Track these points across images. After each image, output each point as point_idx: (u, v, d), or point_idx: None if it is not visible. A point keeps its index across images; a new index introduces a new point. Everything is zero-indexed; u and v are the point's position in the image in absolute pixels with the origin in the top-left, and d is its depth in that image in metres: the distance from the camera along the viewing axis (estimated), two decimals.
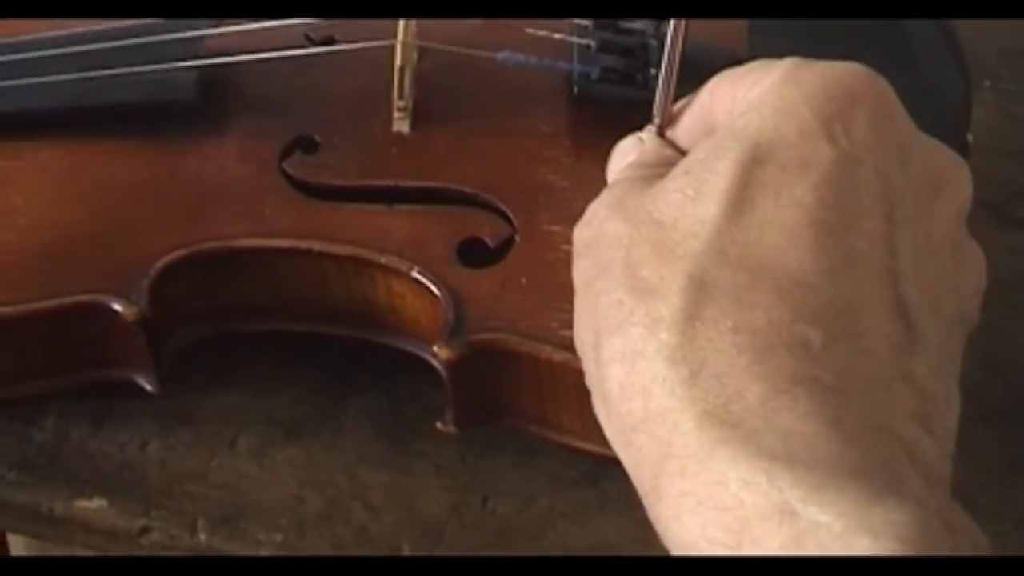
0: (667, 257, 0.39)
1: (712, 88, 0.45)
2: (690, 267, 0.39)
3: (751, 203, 0.39)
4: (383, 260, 0.55)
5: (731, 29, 0.60)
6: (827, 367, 0.37)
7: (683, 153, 0.45)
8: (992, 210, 0.70)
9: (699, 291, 0.38)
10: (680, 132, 0.47)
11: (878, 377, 0.38)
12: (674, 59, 0.47)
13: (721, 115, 0.44)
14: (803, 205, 0.39)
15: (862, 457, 0.36)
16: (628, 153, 0.47)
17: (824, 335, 0.37)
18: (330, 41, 0.62)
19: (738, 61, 0.58)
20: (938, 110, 0.57)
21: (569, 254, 0.55)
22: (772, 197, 0.39)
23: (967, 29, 0.72)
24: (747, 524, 0.35)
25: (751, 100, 0.42)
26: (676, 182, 0.41)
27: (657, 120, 0.48)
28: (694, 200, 0.40)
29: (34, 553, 0.75)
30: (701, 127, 0.46)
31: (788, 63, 0.42)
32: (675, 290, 0.38)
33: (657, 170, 0.44)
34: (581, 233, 0.45)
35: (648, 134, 0.47)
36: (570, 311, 0.52)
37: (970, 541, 0.35)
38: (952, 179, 0.42)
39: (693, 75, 0.59)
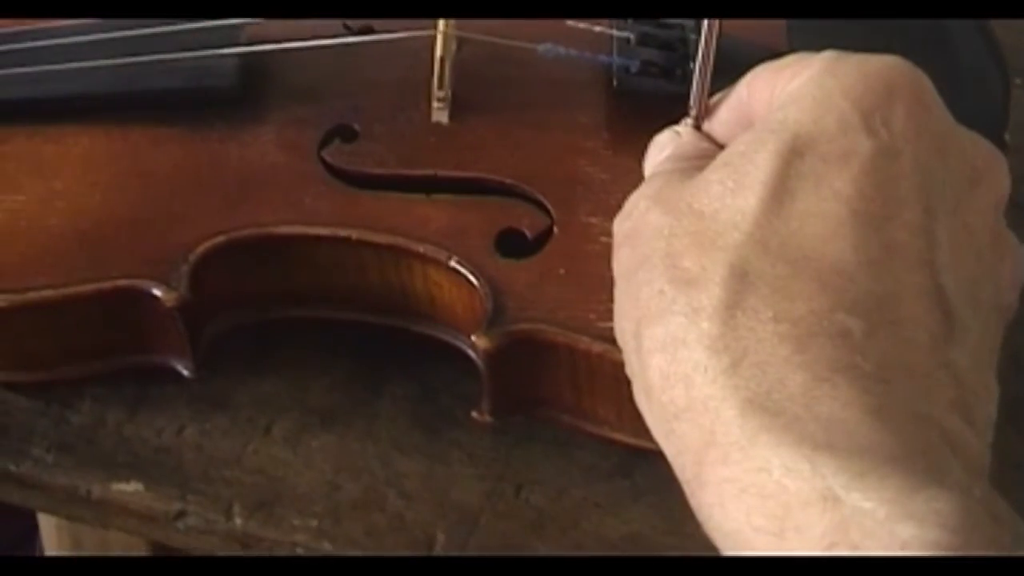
0: (708, 247, 0.40)
1: (750, 81, 0.46)
2: (731, 257, 0.39)
3: (791, 194, 0.39)
4: (421, 249, 0.55)
5: (770, 24, 0.60)
6: (868, 356, 0.37)
7: (720, 146, 0.46)
8: (1021, 209, 0.70)
9: (740, 281, 0.38)
10: (717, 125, 0.47)
11: (919, 366, 0.38)
12: (709, 52, 0.47)
13: (759, 107, 0.45)
14: (843, 196, 0.39)
15: (904, 445, 0.36)
16: (665, 147, 0.47)
17: (865, 324, 0.38)
18: (369, 30, 0.62)
19: (777, 55, 0.59)
20: (976, 108, 0.57)
21: (607, 246, 0.55)
22: (812, 188, 0.39)
23: (999, 29, 0.72)
24: (790, 510, 0.35)
25: (790, 92, 0.42)
26: (716, 173, 0.41)
27: (693, 113, 0.48)
28: (734, 191, 0.40)
29: (65, 535, 0.76)
30: (739, 120, 0.46)
31: (827, 56, 0.42)
32: (716, 280, 0.39)
33: (695, 163, 0.44)
34: (621, 225, 0.45)
35: (685, 128, 0.48)
36: (608, 303, 0.53)
37: (1013, 530, 0.35)
38: (990, 171, 0.43)
39: (731, 69, 0.59)
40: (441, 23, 0.58)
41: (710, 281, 0.39)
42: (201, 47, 0.60)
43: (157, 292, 0.54)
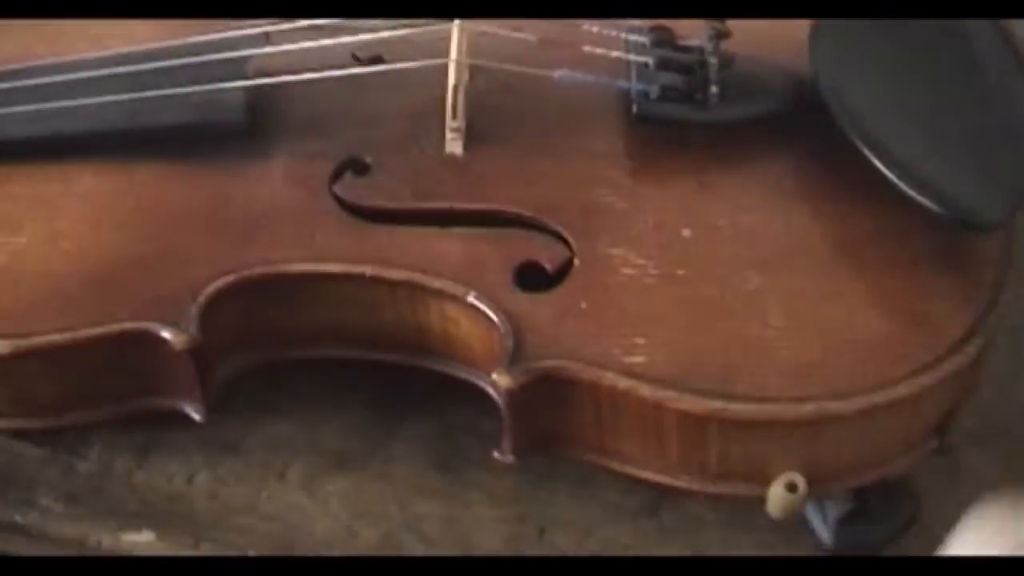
0: None
1: None
2: None
3: None
4: (438, 285, 0.54)
5: (789, 42, 0.59)
6: None
7: None
8: None
9: None
10: None
11: None
12: None
13: None
14: None
15: None
16: None
17: None
18: (378, 60, 0.61)
19: (797, 77, 0.58)
20: (1007, 128, 0.56)
21: (630, 277, 0.54)
22: None
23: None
24: None
25: None
26: None
27: None
28: None
29: None
30: None
31: None
32: None
33: None
34: None
35: None
36: (632, 336, 0.51)
37: None
38: None
39: (758, 92, 0.58)
40: (453, 51, 0.57)
41: None
42: (208, 81, 0.58)
43: (166, 334, 0.53)
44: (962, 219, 0.53)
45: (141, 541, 0.54)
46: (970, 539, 0.37)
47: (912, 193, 0.53)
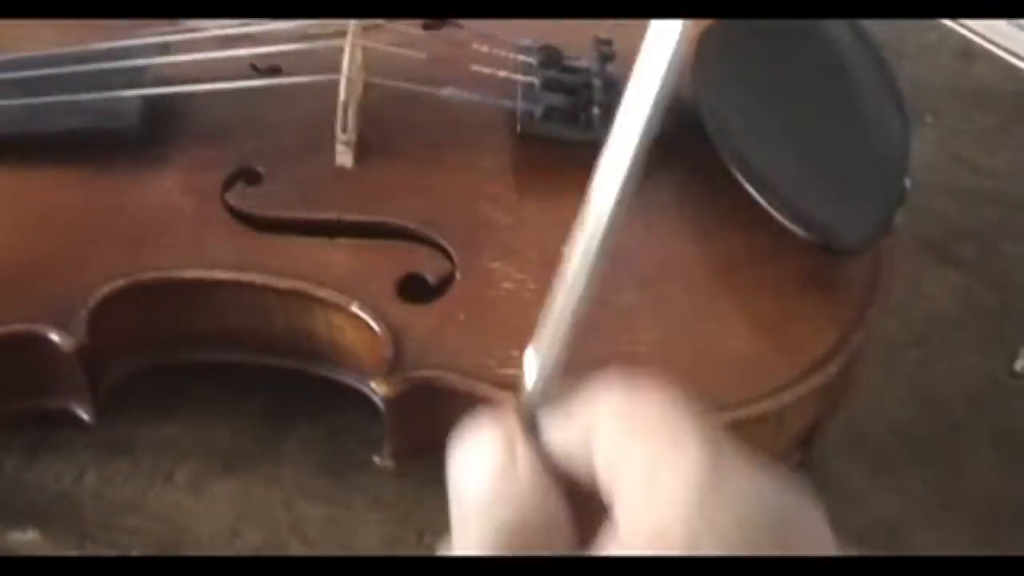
0: None
1: (600, 418, 0.33)
2: None
3: None
4: (323, 294, 0.55)
5: None
6: None
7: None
8: (929, 248, 0.71)
9: None
10: (555, 436, 0.35)
11: None
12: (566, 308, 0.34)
13: (608, 465, 0.33)
14: None
15: None
16: (491, 479, 0.34)
17: None
18: (276, 71, 0.62)
19: (679, 99, 0.59)
20: (876, 155, 0.58)
21: (509, 291, 0.55)
22: None
23: (911, 65, 0.73)
24: None
25: (652, 512, 0.31)
26: None
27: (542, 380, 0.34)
28: None
29: None
30: (578, 453, 0.34)
31: (699, 464, 0.31)
32: None
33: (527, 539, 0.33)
34: None
35: (522, 447, 0.34)
36: (508, 349, 0.53)
37: None
38: None
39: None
40: (345, 67, 0.58)
41: None
42: (106, 88, 0.59)
43: (55, 337, 0.54)
44: (827, 244, 0.55)
45: (26, 540, 0.55)
46: None
47: (781, 218, 0.55)
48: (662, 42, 0.30)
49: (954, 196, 0.73)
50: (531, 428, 0.34)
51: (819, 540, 0.32)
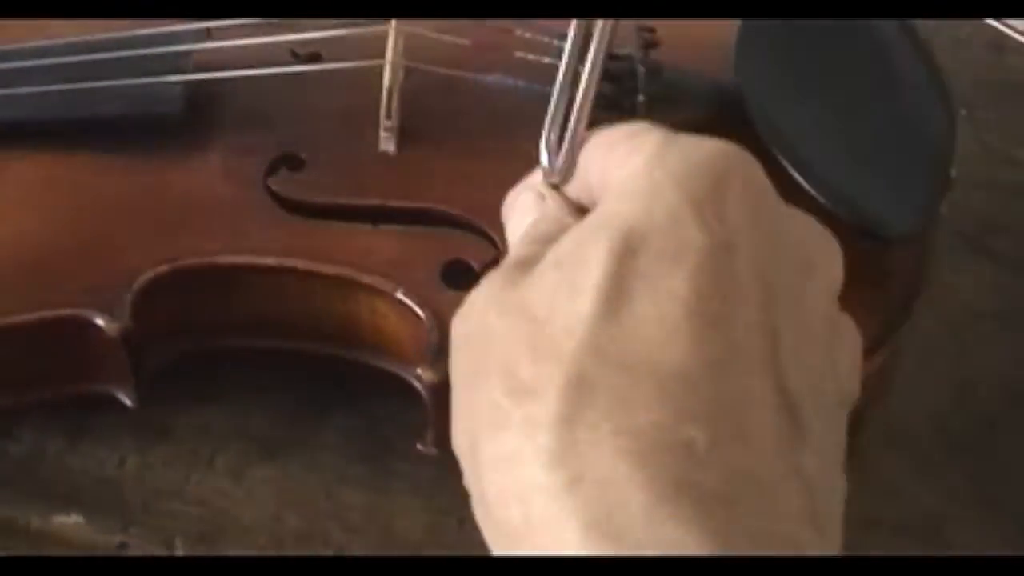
0: (543, 356, 0.37)
1: (586, 155, 0.43)
2: (567, 367, 0.36)
3: (627, 296, 0.37)
4: (367, 280, 0.55)
5: (715, 53, 0.60)
6: (712, 470, 0.35)
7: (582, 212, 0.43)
8: (965, 240, 0.71)
9: (577, 392, 0.36)
10: (572, 191, 0.45)
11: (766, 477, 0.36)
12: (590, 87, 0.45)
13: (595, 187, 0.42)
14: (679, 296, 0.37)
15: None
16: (528, 212, 0.45)
17: (709, 435, 0.36)
18: (316, 58, 0.62)
19: (723, 88, 0.60)
20: (922, 143, 0.58)
21: None
22: (647, 289, 0.37)
23: (944, 58, 0.73)
24: None
25: (621, 181, 0.39)
26: (549, 274, 0.39)
27: (557, 162, 0.45)
28: (568, 294, 0.37)
29: None
30: (584, 192, 0.44)
31: (655, 140, 0.39)
32: (552, 391, 0.36)
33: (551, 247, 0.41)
34: (459, 326, 0.42)
35: (549, 191, 0.45)
36: None
37: None
38: (824, 257, 0.41)
39: (679, 100, 0.60)
40: (389, 52, 0.58)
41: (546, 393, 0.36)
42: (147, 74, 0.59)
43: (100, 321, 0.54)
44: (873, 230, 0.55)
45: (70, 523, 0.55)
46: None
47: (827, 203, 0.55)
48: None
49: (988, 188, 0.73)
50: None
51: (759, 179, 0.40)
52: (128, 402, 0.57)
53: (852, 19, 0.60)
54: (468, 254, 0.56)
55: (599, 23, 0.45)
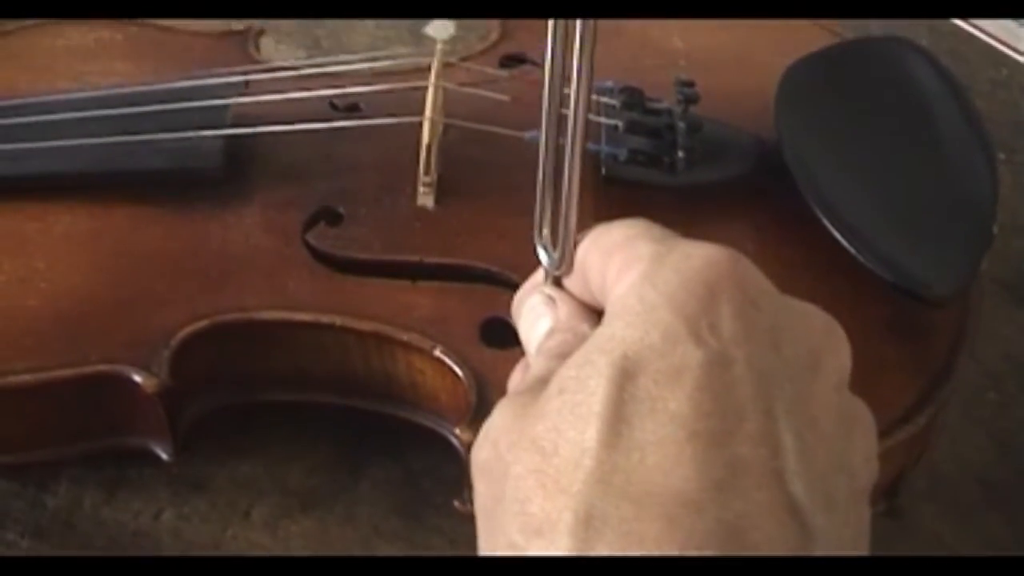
0: (551, 490, 0.37)
1: (585, 255, 0.43)
2: (575, 502, 0.36)
3: (628, 423, 0.37)
4: (406, 338, 0.55)
5: (755, 108, 0.60)
6: None
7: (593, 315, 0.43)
8: (1006, 288, 0.70)
9: (586, 528, 0.36)
10: (575, 288, 0.44)
11: None
12: (569, 188, 0.43)
13: (596, 290, 0.42)
14: (680, 418, 0.36)
15: None
16: (540, 315, 0.45)
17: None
18: (355, 108, 0.62)
19: (760, 142, 0.59)
20: (965, 201, 0.57)
21: None
22: (648, 414, 0.37)
23: (982, 101, 0.72)
24: None
25: (617, 300, 0.39)
26: (553, 403, 0.38)
27: (555, 256, 0.44)
28: (572, 423, 0.37)
29: None
30: (587, 294, 0.43)
31: (648, 255, 0.39)
32: (562, 528, 0.36)
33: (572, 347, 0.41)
34: (476, 455, 0.41)
35: (557, 293, 0.44)
36: None
37: None
38: (829, 347, 0.40)
39: (719, 156, 0.60)
40: (428, 109, 0.58)
41: (556, 530, 0.36)
42: (188, 127, 0.59)
43: (138, 378, 0.54)
44: (915, 291, 0.55)
45: None
46: None
47: (868, 263, 0.55)
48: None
49: None
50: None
51: (752, 282, 0.39)
52: (165, 456, 0.57)
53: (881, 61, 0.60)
54: (507, 311, 0.56)
55: (572, 100, 0.43)
